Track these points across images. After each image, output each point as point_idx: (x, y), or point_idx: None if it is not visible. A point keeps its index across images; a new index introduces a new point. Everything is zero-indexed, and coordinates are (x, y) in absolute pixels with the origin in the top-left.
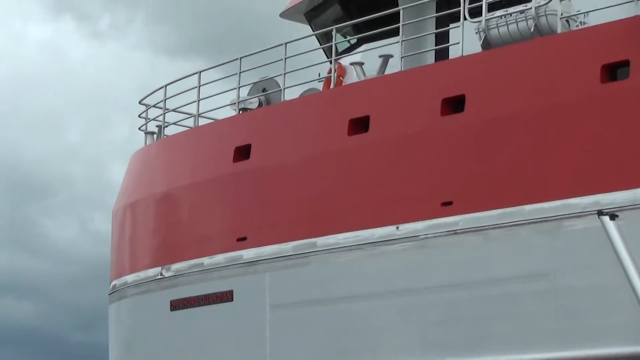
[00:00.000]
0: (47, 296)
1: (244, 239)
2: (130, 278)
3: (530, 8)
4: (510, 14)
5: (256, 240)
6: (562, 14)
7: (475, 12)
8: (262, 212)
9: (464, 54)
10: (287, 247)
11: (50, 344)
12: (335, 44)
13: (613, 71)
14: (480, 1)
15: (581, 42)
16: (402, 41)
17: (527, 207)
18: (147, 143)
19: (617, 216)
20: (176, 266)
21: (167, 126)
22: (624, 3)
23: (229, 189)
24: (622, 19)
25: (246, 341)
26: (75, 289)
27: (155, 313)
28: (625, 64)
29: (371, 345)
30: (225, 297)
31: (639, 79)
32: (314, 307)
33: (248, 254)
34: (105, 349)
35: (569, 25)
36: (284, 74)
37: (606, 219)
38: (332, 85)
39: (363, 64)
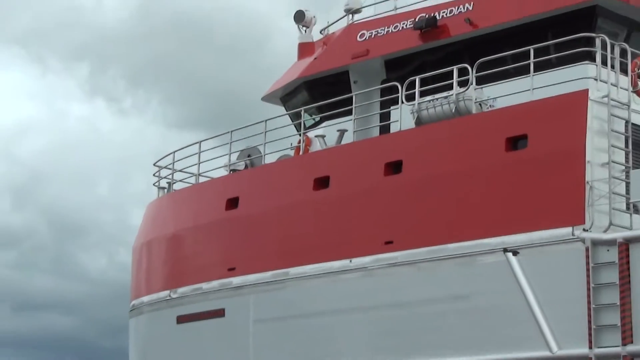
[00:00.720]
0: (82, 312)
1: (234, 269)
2: (146, 298)
3: (452, 94)
4: (437, 99)
5: (243, 270)
6: (475, 99)
7: (410, 97)
8: (247, 249)
9: (401, 129)
10: (267, 275)
11: (84, 348)
12: (304, 121)
13: (515, 142)
14: (414, 89)
15: (490, 120)
16: (354, 119)
17: (450, 245)
18: (159, 196)
19: (518, 252)
20: (181, 289)
21: (174, 183)
22: (522, 92)
23: (222, 231)
24: (521, 103)
25: (234, 348)
26: (104, 306)
27: (165, 326)
28: (524, 137)
29: (332, 351)
30: (219, 313)
31: (535, 149)
32: (288, 321)
33: (237, 280)
34: (126, 353)
35: (481, 108)
36: (264, 143)
37: (510, 254)
38: (301, 152)
39: (325, 136)
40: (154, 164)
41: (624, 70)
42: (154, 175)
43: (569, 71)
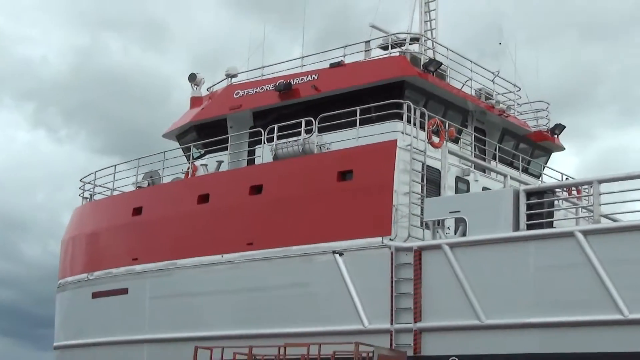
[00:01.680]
0: (20, 287)
1: (136, 259)
2: (69, 279)
3: (300, 139)
4: (289, 142)
5: (143, 260)
6: (317, 143)
7: (270, 140)
8: (147, 244)
9: (263, 162)
10: (160, 264)
11: (22, 315)
12: (192, 154)
13: (344, 175)
14: (272, 134)
15: (327, 159)
16: (229, 153)
17: (294, 247)
18: (83, 203)
19: (343, 254)
20: (96, 273)
21: (95, 194)
22: (350, 139)
23: (128, 231)
24: (349, 147)
25: (135, 317)
26: (37, 283)
27: (83, 299)
28: (351, 171)
29: (206, 321)
30: (124, 291)
31: (358, 181)
32: (174, 299)
33: (138, 267)
34: (53, 319)
35: (321, 149)
36: (163, 168)
37: (337, 255)
38: (189, 176)
39: (207, 165)
40: (80, 180)
41: (422, 127)
42: (79, 188)
43: (384, 126)
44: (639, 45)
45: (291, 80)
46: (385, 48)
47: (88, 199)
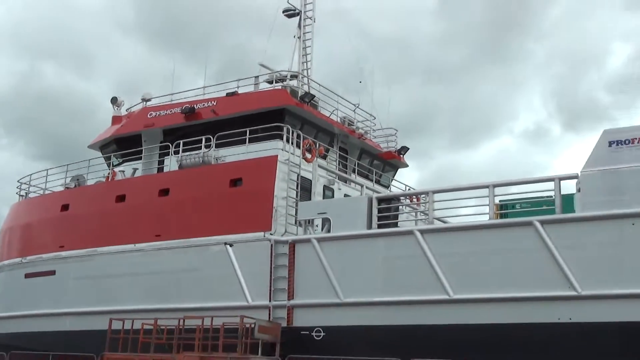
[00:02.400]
0: None
1: (63, 246)
2: (6, 262)
3: (200, 153)
4: (192, 155)
5: (68, 247)
6: (214, 156)
7: (176, 152)
8: (72, 235)
9: (170, 170)
10: (83, 251)
11: None
12: (112, 162)
13: (235, 182)
14: (178, 148)
15: (222, 169)
16: (142, 162)
17: (193, 239)
18: (19, 200)
19: (232, 245)
20: (29, 257)
21: (29, 193)
22: (241, 153)
23: (57, 223)
24: (240, 160)
25: (60, 294)
26: None
27: (17, 279)
28: (241, 179)
29: (118, 298)
30: (52, 273)
31: (246, 187)
32: (94, 279)
33: (64, 253)
34: None
35: (217, 161)
36: (88, 173)
37: (228, 246)
38: (109, 180)
39: (124, 171)
40: (18, 180)
41: (298, 146)
42: (17, 187)
43: (268, 144)
44: (467, 88)
45: (195, 105)
46: (270, 82)
47: (24, 197)
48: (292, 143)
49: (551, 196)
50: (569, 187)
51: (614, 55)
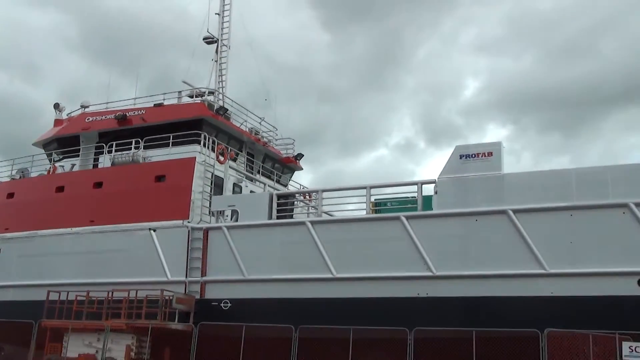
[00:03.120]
0: None
1: (8, 228)
2: None
3: (131, 153)
4: (123, 154)
5: (13, 229)
6: (142, 156)
7: (109, 152)
8: (16, 219)
9: (104, 167)
10: (25, 233)
11: None
12: (53, 158)
13: (159, 178)
14: (111, 148)
15: (149, 167)
16: (80, 159)
17: (122, 225)
18: None
19: (155, 230)
20: None
21: None
22: (166, 155)
23: (4, 209)
24: (165, 160)
25: (5, 270)
26: None
27: None
28: (164, 176)
29: (56, 273)
30: None
31: (169, 183)
32: (35, 258)
33: (8, 235)
34: None
35: (145, 160)
36: (31, 166)
37: (152, 231)
38: (50, 173)
39: (64, 166)
40: None
41: (213, 150)
42: None
43: (188, 147)
44: (352, 108)
45: (127, 113)
46: (191, 97)
47: None
48: (208, 147)
49: (414, 197)
50: (428, 189)
51: (466, 88)
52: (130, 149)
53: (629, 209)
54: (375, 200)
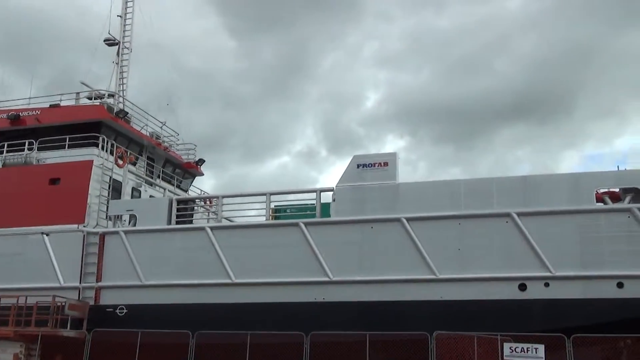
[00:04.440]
0: None
1: None
2: None
3: (24, 154)
4: (15, 155)
5: None
6: (36, 158)
7: (1, 152)
8: None
9: None
10: None
11: None
12: None
13: (54, 181)
14: (3, 149)
15: (43, 169)
16: None
17: (14, 228)
18: None
19: (49, 234)
20: None
21: None
22: (62, 157)
23: None
24: (60, 162)
25: None
26: None
27: None
28: (59, 179)
29: None
30: None
31: (64, 186)
32: None
33: None
34: None
35: (39, 162)
36: None
37: (45, 235)
38: None
39: None
40: None
41: (112, 153)
42: None
43: (86, 150)
44: (257, 115)
45: (20, 113)
46: (90, 98)
47: None
48: (106, 151)
49: (313, 204)
50: (327, 197)
51: (367, 100)
52: (23, 150)
53: (511, 218)
54: (275, 206)
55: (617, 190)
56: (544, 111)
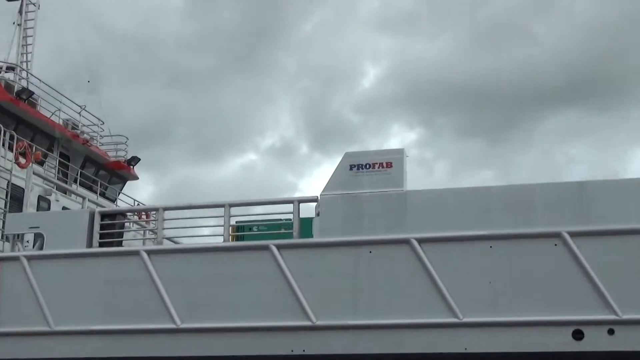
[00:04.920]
0: None
1: None
2: None
3: None
4: None
5: None
6: None
7: None
8: None
9: None
10: None
11: None
12: None
13: None
14: None
15: None
16: None
17: None
18: None
19: None
20: None
21: None
22: None
23: None
24: None
25: None
26: None
27: None
28: None
29: None
30: None
31: None
32: None
33: None
34: None
35: None
36: None
37: None
38: None
39: None
40: None
41: (11, 148)
42: None
43: None
44: (213, 96)
45: None
46: None
47: None
48: (3, 145)
49: (290, 219)
50: (309, 210)
51: (365, 76)
52: None
53: (561, 240)
54: (237, 223)
55: None
56: (605, 94)
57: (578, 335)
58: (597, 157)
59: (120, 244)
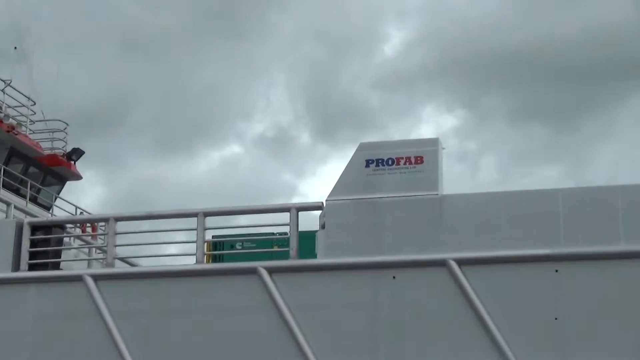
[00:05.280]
0: None
1: None
2: None
3: None
4: None
5: None
6: None
7: None
8: None
9: None
10: None
11: None
12: None
13: None
14: None
15: None
16: None
17: None
18: None
19: None
20: None
21: None
22: None
23: None
24: None
25: None
26: None
27: None
28: None
29: None
30: None
31: None
32: None
33: None
34: None
35: None
36: None
37: None
38: None
39: None
40: None
41: None
42: None
43: None
44: (182, 68)
45: None
46: None
47: None
48: None
49: (286, 233)
50: (310, 220)
51: (387, 41)
52: None
53: None
54: (214, 238)
55: None
56: None
57: None
58: None
59: (57, 265)
